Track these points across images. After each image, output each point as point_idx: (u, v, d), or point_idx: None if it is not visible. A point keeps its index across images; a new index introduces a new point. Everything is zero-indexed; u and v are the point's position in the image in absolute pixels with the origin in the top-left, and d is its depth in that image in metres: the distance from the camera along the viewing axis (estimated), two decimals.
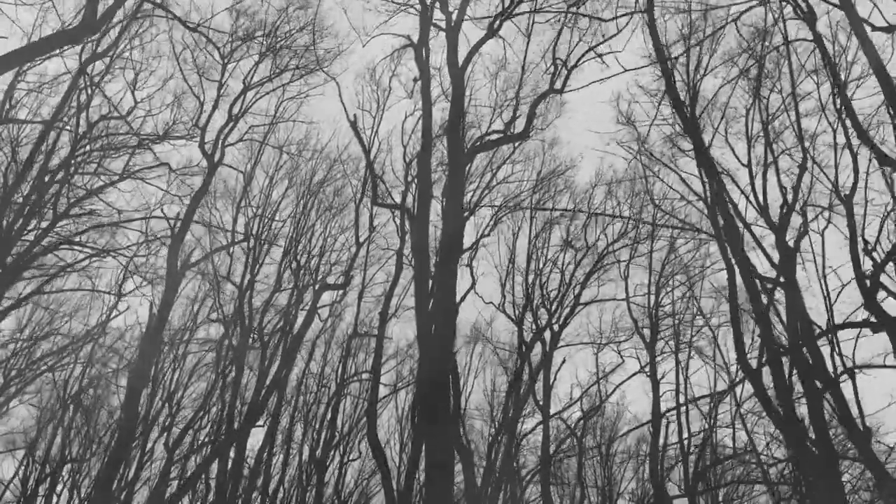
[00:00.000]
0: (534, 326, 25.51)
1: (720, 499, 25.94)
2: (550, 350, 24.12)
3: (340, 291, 24.18)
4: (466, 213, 19.06)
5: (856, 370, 14.07)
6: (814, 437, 14.53)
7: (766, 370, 16.18)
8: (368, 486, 41.58)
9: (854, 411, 13.29)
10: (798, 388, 15.82)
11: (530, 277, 24.73)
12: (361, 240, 23.03)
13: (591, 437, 26.33)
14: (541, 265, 25.15)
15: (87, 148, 21.32)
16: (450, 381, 11.92)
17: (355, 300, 29.50)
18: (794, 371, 15.38)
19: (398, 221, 21.07)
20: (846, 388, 15.56)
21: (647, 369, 23.66)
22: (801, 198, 16.29)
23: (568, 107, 37.08)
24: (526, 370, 24.46)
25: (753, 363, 17.54)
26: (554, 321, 24.24)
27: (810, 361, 14.15)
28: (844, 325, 14.41)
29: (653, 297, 23.46)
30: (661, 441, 22.52)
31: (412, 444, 17.48)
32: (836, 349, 14.52)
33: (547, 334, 24.50)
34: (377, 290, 30.61)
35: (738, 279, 16.93)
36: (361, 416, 31.61)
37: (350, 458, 36.73)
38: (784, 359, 15.62)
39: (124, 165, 22.73)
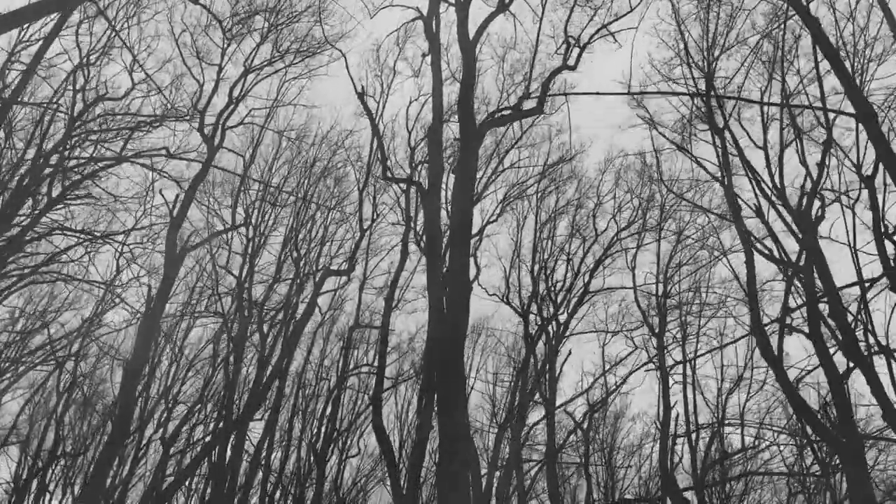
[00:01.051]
0: (539, 319, 25.01)
1: (728, 493, 25.42)
2: (556, 342, 23.59)
3: (343, 278, 23.60)
4: (474, 197, 18.50)
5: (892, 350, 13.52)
6: (837, 421, 14.05)
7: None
8: (367, 483, 41.16)
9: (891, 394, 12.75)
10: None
11: (536, 268, 24.19)
12: (365, 226, 22.47)
13: (596, 431, 25.73)
14: (546, 255, 24.63)
15: (83, 129, 20.70)
16: (463, 354, 11.32)
17: (356, 293, 29.15)
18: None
19: (403, 205, 20.56)
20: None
21: (655, 360, 23.12)
22: (824, 178, 15.77)
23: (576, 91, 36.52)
24: (532, 364, 23.95)
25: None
26: (560, 312, 23.71)
27: (840, 337, 13.65)
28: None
29: (661, 287, 22.96)
30: (671, 432, 21.98)
31: (418, 429, 16.93)
32: (869, 326, 14.02)
33: (552, 327, 23.97)
34: (378, 282, 30.15)
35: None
36: (361, 411, 31.07)
37: (349, 454, 36.31)
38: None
39: (121, 149, 22.15)
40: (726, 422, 23.18)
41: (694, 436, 23.28)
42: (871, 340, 14.01)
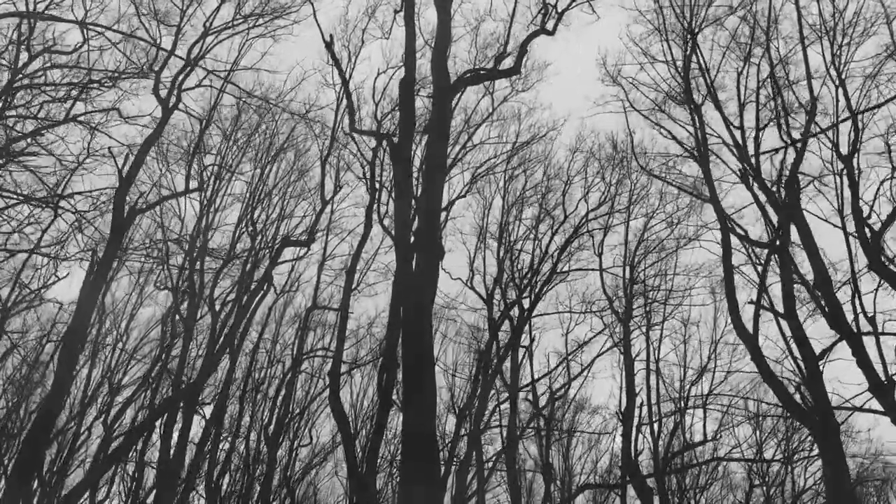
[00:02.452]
0: (503, 304, 24.38)
1: (688, 482, 25.18)
2: (520, 325, 22.96)
3: (303, 250, 22.59)
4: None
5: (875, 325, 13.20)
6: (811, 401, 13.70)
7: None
8: (317, 476, 40.04)
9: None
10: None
11: (502, 251, 23.54)
12: (328, 197, 21.52)
13: (558, 421, 25.20)
14: (513, 239, 24.02)
15: (28, 83, 19.35)
16: (431, 321, 10.58)
17: (314, 275, 28.18)
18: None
19: (368, 174, 19.68)
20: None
21: (620, 346, 22.70)
22: (804, 156, 15.43)
23: (550, 69, 36.02)
24: (494, 349, 23.28)
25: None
26: (525, 295, 23.09)
27: (827, 310, 13.28)
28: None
29: (628, 270, 22.56)
30: (636, 421, 21.56)
31: (379, 409, 16.08)
32: (858, 300, 13.70)
33: (516, 313, 23.34)
34: (338, 263, 29.13)
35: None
36: (316, 395, 30.05)
37: (300, 443, 35.17)
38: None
39: (69, 109, 20.81)
40: (689, 408, 22.87)
41: (656, 425, 22.94)
42: (859, 308, 13.68)
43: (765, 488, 25.07)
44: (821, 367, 13.88)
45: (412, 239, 11.07)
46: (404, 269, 10.90)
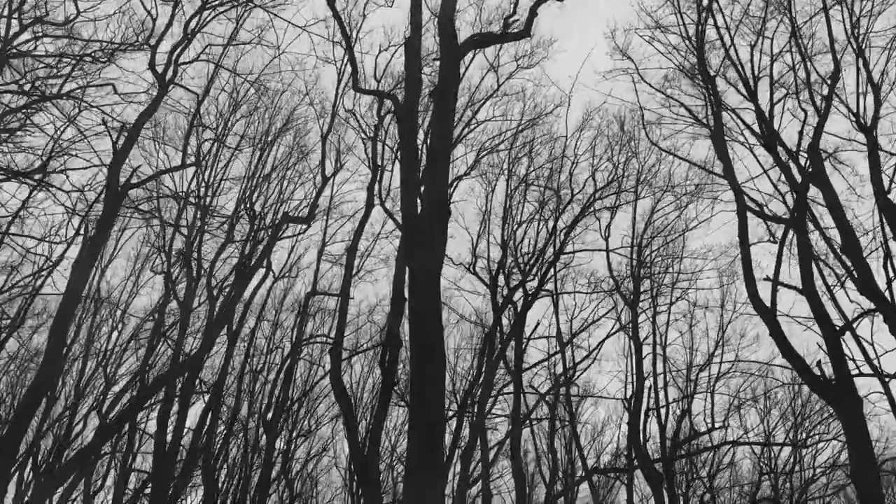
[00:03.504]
0: (506, 290, 23.82)
1: (695, 471, 24.65)
2: (524, 311, 22.38)
3: (302, 227, 22.00)
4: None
5: None
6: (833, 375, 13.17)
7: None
8: (316, 469, 39.48)
9: None
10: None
11: (507, 232, 22.95)
12: (328, 174, 20.95)
13: (563, 406, 24.65)
14: (517, 222, 23.43)
15: (18, 54, 18.73)
16: (439, 288, 10.01)
17: (313, 263, 27.60)
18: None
19: (370, 152, 19.13)
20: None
21: (628, 329, 22.16)
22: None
23: (556, 46, 35.35)
24: (498, 334, 22.70)
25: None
26: (529, 279, 22.51)
27: (857, 275, 12.75)
28: None
29: (635, 251, 22.00)
30: (644, 405, 21.01)
31: (380, 392, 15.54)
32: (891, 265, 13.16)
33: (520, 293, 22.78)
34: (337, 249, 28.61)
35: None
36: (315, 382, 29.55)
37: (301, 432, 34.57)
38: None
39: (61, 84, 20.20)
40: (697, 392, 22.36)
41: (663, 410, 22.44)
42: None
43: (772, 476, 24.56)
44: (842, 342, 13.39)
45: (418, 198, 10.53)
46: (409, 232, 10.32)
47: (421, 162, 12.11)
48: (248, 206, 22.92)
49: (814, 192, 15.93)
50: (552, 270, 22.12)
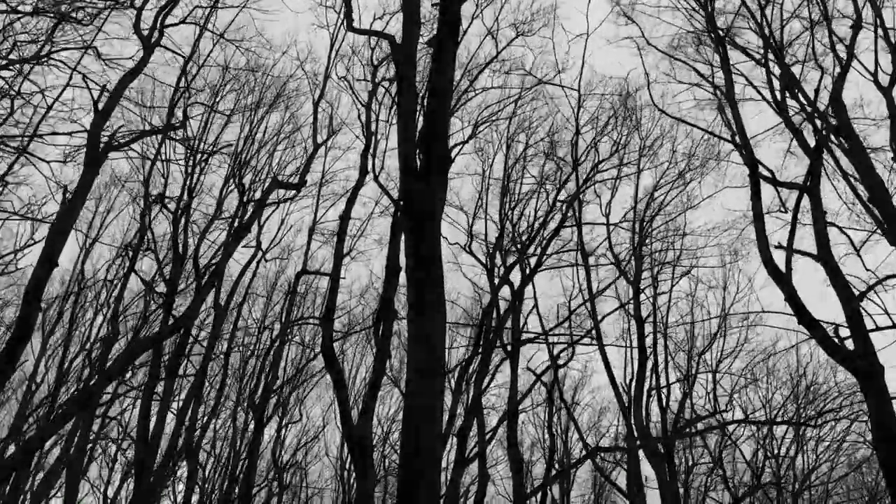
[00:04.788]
0: (502, 270, 23.10)
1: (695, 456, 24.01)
2: (521, 287, 21.65)
3: (292, 193, 21.19)
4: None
5: None
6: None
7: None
8: (305, 459, 38.67)
9: None
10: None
11: (505, 206, 22.21)
12: (320, 140, 20.15)
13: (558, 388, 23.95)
14: (516, 196, 22.71)
15: None
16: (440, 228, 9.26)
17: (303, 245, 26.81)
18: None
19: (364, 118, 18.35)
20: None
21: (629, 308, 21.49)
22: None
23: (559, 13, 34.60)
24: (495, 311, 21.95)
25: None
26: (529, 255, 21.79)
27: (887, 226, 12.06)
28: None
29: (637, 226, 21.33)
30: (646, 386, 20.35)
31: (374, 364, 14.79)
32: None
33: (518, 275, 22.06)
34: (329, 228, 27.80)
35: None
36: (302, 365, 28.79)
37: (290, 419, 33.78)
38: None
39: (39, 48, 19.32)
40: (700, 372, 21.74)
41: (665, 392, 21.79)
42: None
43: (776, 461, 23.98)
44: (862, 306, 12.74)
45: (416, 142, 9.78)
46: (407, 176, 9.55)
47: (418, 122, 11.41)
48: (237, 180, 22.11)
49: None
50: (551, 248, 21.34)
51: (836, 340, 12.98)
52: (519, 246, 22.50)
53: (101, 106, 16.33)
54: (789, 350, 22.57)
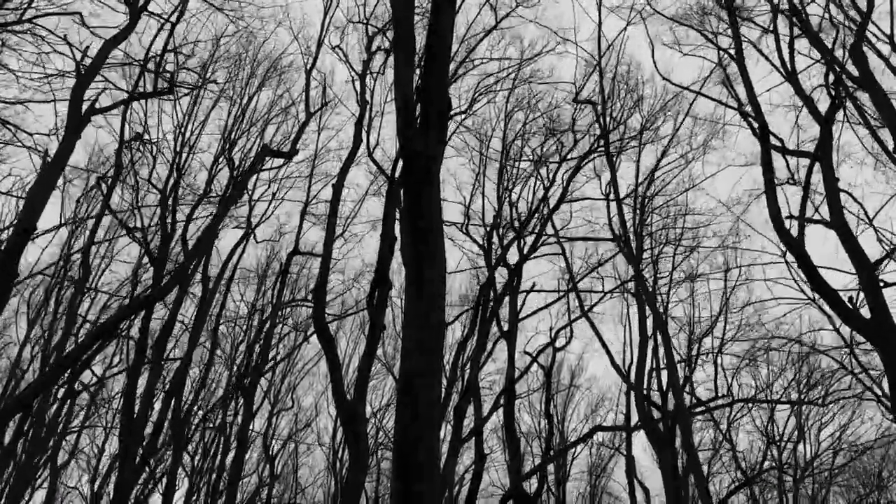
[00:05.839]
0: (500, 250, 22.53)
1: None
2: (520, 264, 21.03)
3: (284, 161, 20.56)
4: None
5: None
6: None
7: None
8: (296, 452, 38.02)
9: None
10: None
11: (504, 183, 21.59)
12: (312, 109, 19.50)
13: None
14: (515, 172, 22.10)
15: None
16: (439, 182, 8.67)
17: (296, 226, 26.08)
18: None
19: (359, 86, 17.72)
20: None
21: (629, 286, 20.91)
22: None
23: None
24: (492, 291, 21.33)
25: None
26: (528, 232, 21.18)
27: None
28: None
29: (639, 201, 20.76)
30: (648, 366, 19.80)
31: (368, 336, 14.18)
32: None
33: (516, 247, 21.45)
34: (321, 209, 27.19)
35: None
36: (297, 344, 28.20)
37: (282, 407, 33.12)
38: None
39: (21, 14, 18.59)
40: (702, 354, 21.22)
41: (665, 373, 21.21)
42: None
43: (779, 445, 23.49)
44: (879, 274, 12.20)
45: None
46: (407, 116, 8.94)
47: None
48: (226, 155, 21.42)
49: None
50: (549, 223, 20.72)
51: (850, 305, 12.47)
52: (518, 224, 21.92)
53: (83, 68, 15.65)
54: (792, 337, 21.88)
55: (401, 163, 15.64)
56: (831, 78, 13.69)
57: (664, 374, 21.38)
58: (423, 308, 7.94)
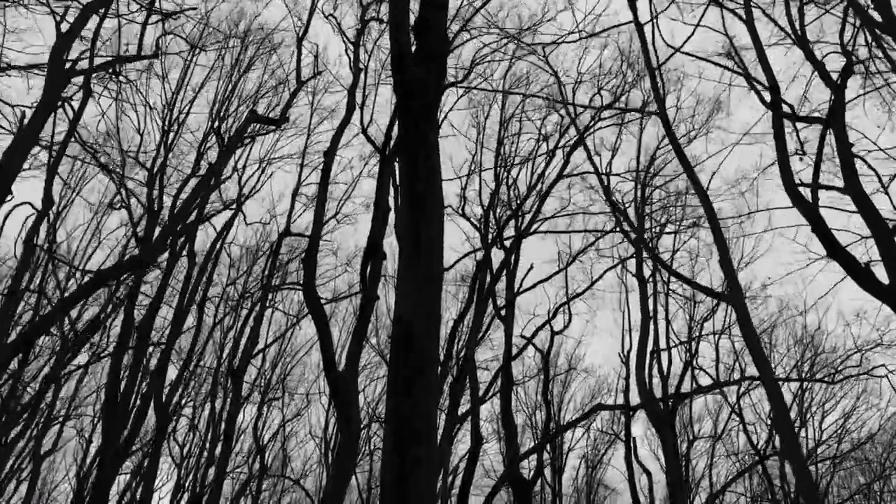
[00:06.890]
0: (497, 227, 21.94)
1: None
2: (516, 243, 20.44)
3: (272, 128, 19.90)
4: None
5: None
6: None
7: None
8: (288, 444, 37.26)
9: None
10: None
11: (500, 157, 20.98)
12: (304, 78, 18.84)
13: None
14: (513, 153, 21.52)
15: None
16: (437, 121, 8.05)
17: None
18: None
19: (352, 55, 17.09)
20: None
21: (628, 265, 20.36)
22: None
23: None
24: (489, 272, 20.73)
25: None
26: (526, 210, 20.60)
27: None
28: None
29: (641, 176, 20.21)
30: (650, 347, 19.22)
31: (359, 309, 13.57)
32: None
33: (513, 224, 20.87)
34: (312, 191, 26.56)
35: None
36: (288, 326, 27.54)
37: (273, 396, 32.41)
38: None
39: None
40: (703, 335, 20.69)
41: (665, 356, 20.71)
42: None
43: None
44: None
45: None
46: (401, 64, 8.27)
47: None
48: (215, 129, 20.72)
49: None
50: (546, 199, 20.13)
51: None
52: (515, 203, 21.36)
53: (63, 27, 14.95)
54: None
55: (393, 141, 15.12)
56: (846, 37, 13.15)
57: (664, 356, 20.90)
58: (421, 266, 7.20)
